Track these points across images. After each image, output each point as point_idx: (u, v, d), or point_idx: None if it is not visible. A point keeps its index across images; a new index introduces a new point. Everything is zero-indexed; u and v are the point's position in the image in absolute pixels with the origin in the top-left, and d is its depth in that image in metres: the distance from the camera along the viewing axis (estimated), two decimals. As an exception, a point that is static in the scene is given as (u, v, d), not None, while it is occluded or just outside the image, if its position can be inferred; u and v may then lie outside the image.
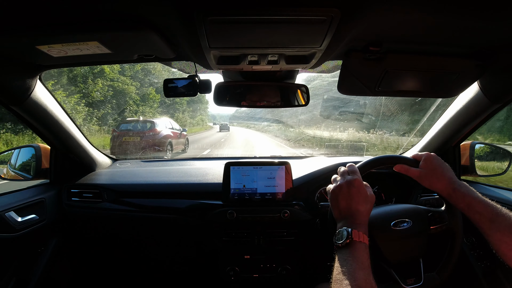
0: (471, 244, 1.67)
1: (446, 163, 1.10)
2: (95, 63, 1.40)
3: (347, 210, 1.00)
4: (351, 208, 0.99)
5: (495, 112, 1.51)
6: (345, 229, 0.93)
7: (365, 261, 0.86)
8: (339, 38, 1.00)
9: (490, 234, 0.92)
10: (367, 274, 0.83)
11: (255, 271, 1.81)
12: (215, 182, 1.84)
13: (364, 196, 1.01)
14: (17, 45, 1.07)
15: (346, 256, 0.88)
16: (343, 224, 0.97)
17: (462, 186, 1.01)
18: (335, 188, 1.05)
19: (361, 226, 0.95)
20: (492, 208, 0.93)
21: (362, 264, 0.85)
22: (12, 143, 12.57)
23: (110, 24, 0.92)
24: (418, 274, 1.14)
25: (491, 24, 0.94)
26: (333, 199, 1.05)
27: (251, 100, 1.52)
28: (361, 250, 0.89)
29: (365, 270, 0.83)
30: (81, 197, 1.84)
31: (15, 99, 1.37)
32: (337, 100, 14.66)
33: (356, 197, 1.00)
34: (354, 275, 0.81)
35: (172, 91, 1.44)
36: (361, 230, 0.93)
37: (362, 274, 0.81)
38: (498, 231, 0.90)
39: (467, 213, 0.98)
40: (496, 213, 0.92)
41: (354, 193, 1.01)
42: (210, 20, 0.84)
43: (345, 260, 0.87)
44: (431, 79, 1.30)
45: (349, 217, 0.98)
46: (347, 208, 1.00)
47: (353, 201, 1.00)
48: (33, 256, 1.67)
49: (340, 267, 0.85)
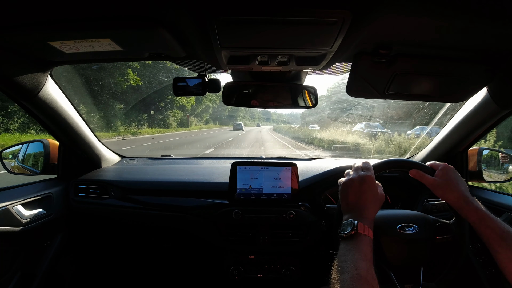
0: (476, 250, 1.66)
1: (461, 177, 1.09)
2: (106, 60, 1.42)
3: (355, 204, 1.00)
4: (359, 202, 1.00)
5: (504, 117, 1.50)
6: (351, 221, 0.94)
7: (368, 253, 0.87)
8: (350, 40, 1.00)
9: (499, 251, 0.91)
10: (369, 266, 0.83)
11: (259, 271, 1.81)
12: (221, 182, 1.84)
13: (374, 194, 1.01)
14: (30, 41, 1.08)
15: (349, 246, 0.89)
16: (350, 216, 0.98)
17: (474, 200, 1.01)
18: (347, 181, 1.06)
19: (367, 220, 0.95)
20: (502, 226, 0.93)
21: (365, 255, 0.85)
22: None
23: (122, 22, 0.92)
24: (417, 282, 1.13)
25: (501, 29, 0.94)
26: (342, 191, 1.06)
27: (259, 100, 1.53)
28: (365, 242, 0.89)
29: (368, 261, 0.84)
30: (88, 193, 1.85)
31: (25, 94, 1.38)
32: (345, 102, 14.65)
33: (366, 193, 1.00)
34: (356, 264, 0.82)
35: (181, 90, 1.45)
36: (366, 224, 0.93)
37: (364, 265, 0.82)
38: (508, 248, 0.89)
39: (477, 227, 0.97)
40: (506, 231, 0.91)
41: (365, 189, 1.01)
42: (222, 20, 0.85)
43: (348, 250, 0.88)
44: (440, 83, 1.30)
45: (356, 211, 0.99)
46: (356, 202, 1.00)
47: (363, 197, 1.00)
48: (39, 250, 1.69)
49: (343, 256, 0.86)
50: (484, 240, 0.95)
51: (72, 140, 1.80)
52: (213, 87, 1.45)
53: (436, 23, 0.92)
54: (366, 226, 0.92)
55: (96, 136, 1.97)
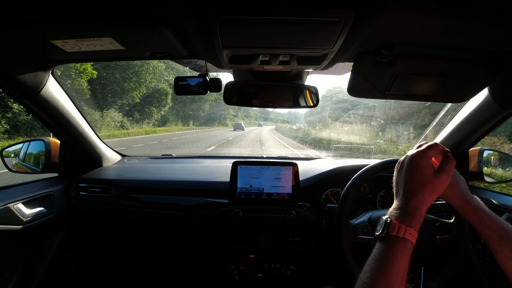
0: (476, 251, 1.66)
1: (461, 176, 1.09)
2: (108, 59, 1.41)
3: (398, 191, 0.85)
4: (405, 188, 0.82)
5: (505, 118, 1.50)
6: (385, 218, 0.79)
7: (396, 264, 0.71)
8: (351, 40, 1.00)
9: (498, 250, 0.90)
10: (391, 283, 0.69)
11: (259, 270, 1.81)
12: (222, 181, 1.85)
13: (423, 177, 0.81)
14: (32, 39, 1.08)
15: (378, 251, 0.75)
16: (392, 209, 0.82)
17: (474, 199, 0.98)
18: (403, 158, 0.90)
19: (409, 215, 0.78)
20: (502, 224, 0.91)
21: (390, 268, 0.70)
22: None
23: (125, 21, 0.92)
24: (418, 281, 1.13)
25: (503, 29, 0.94)
26: (394, 176, 0.91)
27: (260, 99, 1.53)
28: (397, 249, 0.73)
29: (390, 276, 0.70)
30: (89, 192, 1.86)
31: (27, 93, 1.39)
32: (346, 102, 14.62)
33: (413, 175, 0.82)
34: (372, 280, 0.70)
35: (183, 89, 1.45)
36: (406, 221, 0.76)
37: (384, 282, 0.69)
38: (507, 247, 0.88)
39: (477, 226, 0.95)
40: (505, 230, 0.90)
41: (413, 169, 0.83)
42: (224, 19, 0.85)
43: (374, 258, 0.75)
44: (442, 83, 1.30)
45: (400, 200, 0.82)
46: (399, 188, 0.85)
47: (408, 180, 0.82)
48: (40, 248, 1.69)
49: (366, 266, 0.75)
50: (484, 239, 0.95)
51: (73, 138, 1.80)
52: (215, 86, 1.45)
53: (438, 23, 0.91)
54: (404, 225, 0.75)
55: (97, 135, 1.97)
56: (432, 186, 0.80)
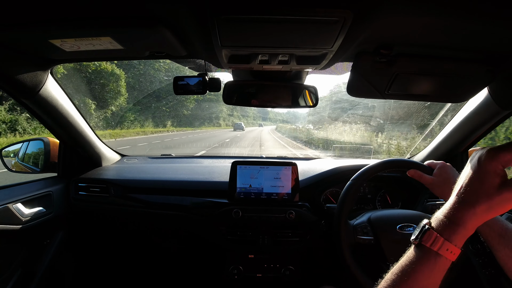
0: (476, 251, 1.65)
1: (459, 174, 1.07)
2: (107, 59, 1.41)
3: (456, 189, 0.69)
4: (460, 190, 0.67)
5: (504, 118, 1.49)
6: (427, 221, 0.67)
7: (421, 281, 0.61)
8: (351, 40, 0.99)
9: (498, 249, 0.90)
10: None
11: (258, 270, 1.81)
12: (222, 181, 1.85)
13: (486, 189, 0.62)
14: (30, 39, 1.08)
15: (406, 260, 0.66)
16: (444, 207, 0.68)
17: None
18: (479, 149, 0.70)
19: (452, 227, 0.63)
20: (501, 223, 0.91)
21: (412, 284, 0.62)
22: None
23: (123, 21, 0.92)
24: None
25: (503, 29, 0.93)
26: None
27: (260, 99, 1.52)
28: (425, 264, 0.62)
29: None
30: (88, 192, 1.86)
31: (26, 93, 1.38)
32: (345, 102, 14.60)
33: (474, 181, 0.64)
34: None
35: (182, 89, 1.44)
36: (444, 235, 0.63)
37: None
38: (506, 246, 0.88)
39: None
40: (505, 228, 0.90)
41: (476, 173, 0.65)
42: (223, 18, 0.85)
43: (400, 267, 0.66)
44: (441, 83, 1.29)
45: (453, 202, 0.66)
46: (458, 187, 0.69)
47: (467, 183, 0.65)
48: (39, 248, 1.69)
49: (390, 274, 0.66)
50: (483, 238, 0.95)
51: (72, 138, 1.80)
52: (214, 86, 1.44)
53: (437, 23, 0.91)
54: (443, 237, 0.62)
55: (96, 135, 1.97)
56: (489, 202, 0.61)
